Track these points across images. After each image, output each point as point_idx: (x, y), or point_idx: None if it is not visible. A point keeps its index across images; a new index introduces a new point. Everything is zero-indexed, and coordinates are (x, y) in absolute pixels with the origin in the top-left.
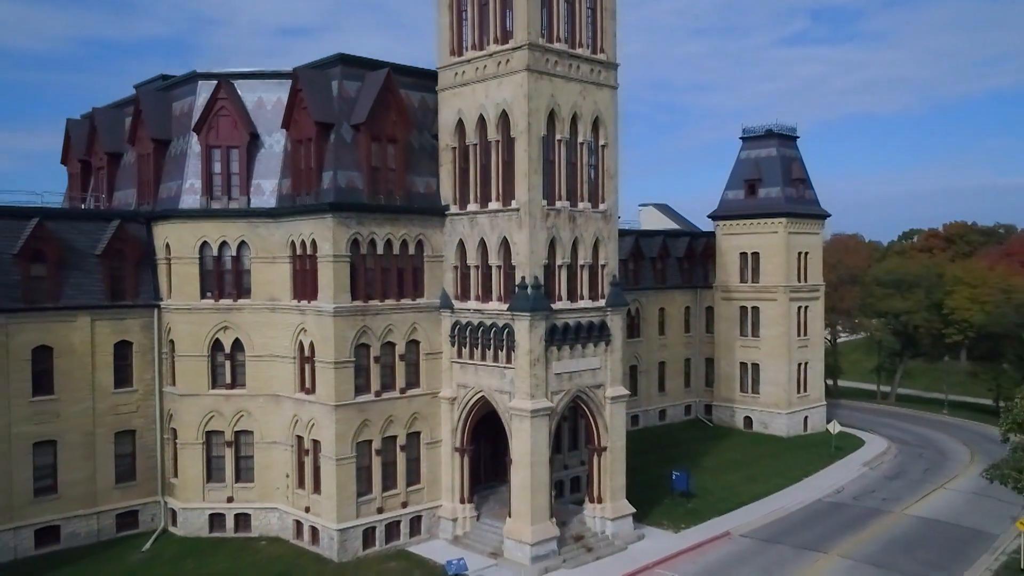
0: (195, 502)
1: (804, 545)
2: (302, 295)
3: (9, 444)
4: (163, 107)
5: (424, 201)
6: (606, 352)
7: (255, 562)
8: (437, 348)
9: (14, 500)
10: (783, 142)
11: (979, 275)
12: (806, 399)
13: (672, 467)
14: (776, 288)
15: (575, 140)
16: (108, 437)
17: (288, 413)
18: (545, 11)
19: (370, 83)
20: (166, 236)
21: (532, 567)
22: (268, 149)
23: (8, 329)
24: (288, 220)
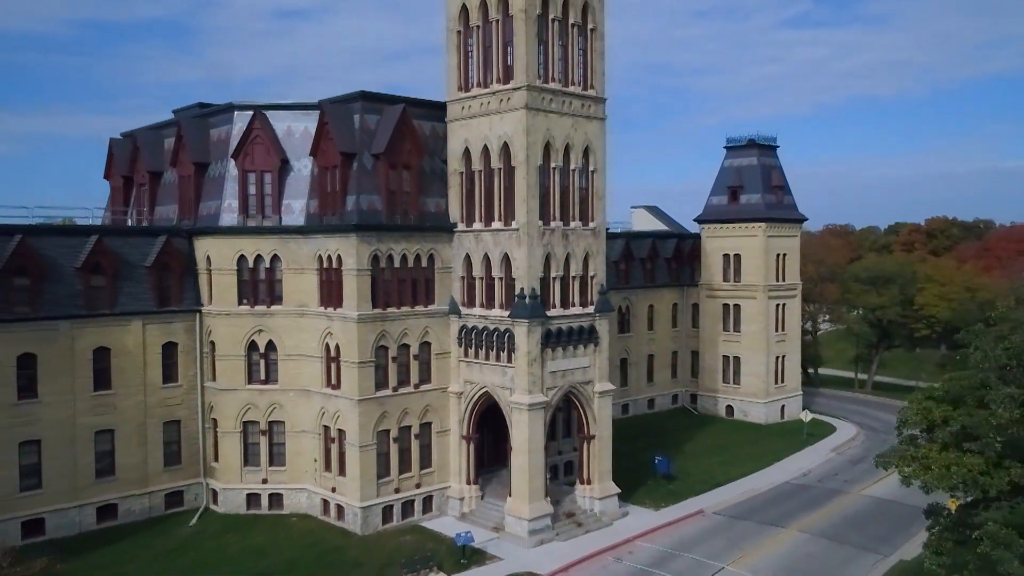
0: (234, 483)
1: (768, 521)
2: (328, 303)
3: (74, 433)
4: (202, 133)
5: (435, 220)
6: (595, 352)
7: (289, 536)
8: (446, 349)
9: (79, 482)
10: (763, 152)
11: (947, 274)
12: (783, 389)
13: (656, 452)
14: (756, 287)
15: (568, 167)
16: (157, 426)
17: (316, 406)
18: (542, 54)
19: (388, 117)
20: (207, 250)
21: (529, 540)
22: (297, 173)
23: (73, 333)
24: (316, 237)
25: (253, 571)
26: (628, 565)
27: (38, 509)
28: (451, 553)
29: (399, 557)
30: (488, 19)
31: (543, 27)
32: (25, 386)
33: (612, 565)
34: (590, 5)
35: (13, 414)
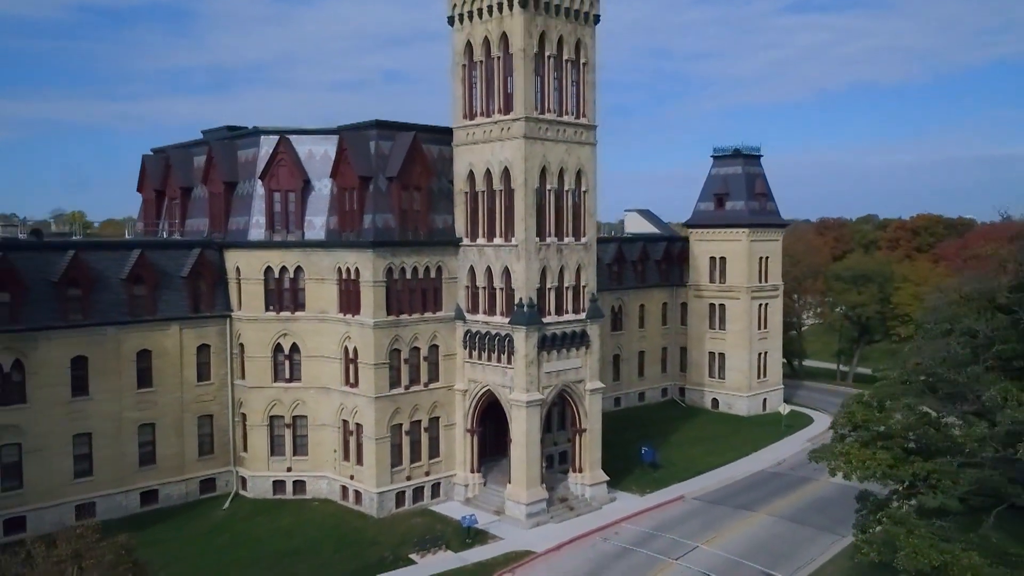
0: (261, 471)
1: (741, 505)
2: (347, 310)
3: (120, 426)
4: (230, 155)
5: (442, 235)
6: (586, 354)
7: (312, 518)
8: (452, 351)
9: (124, 470)
10: (748, 161)
11: (922, 274)
12: (765, 383)
13: (644, 443)
14: (740, 288)
15: (562, 188)
16: (192, 420)
17: (335, 402)
18: (538, 87)
19: (400, 143)
20: (237, 261)
21: (527, 522)
22: (318, 192)
23: (119, 337)
24: (335, 250)
25: (283, 549)
26: (614, 544)
27: (90, 494)
28: (457, 533)
29: (411, 537)
30: (490, 55)
31: (540, 63)
32: (78, 385)
33: (600, 544)
34: (582, 42)
35: (68, 410)
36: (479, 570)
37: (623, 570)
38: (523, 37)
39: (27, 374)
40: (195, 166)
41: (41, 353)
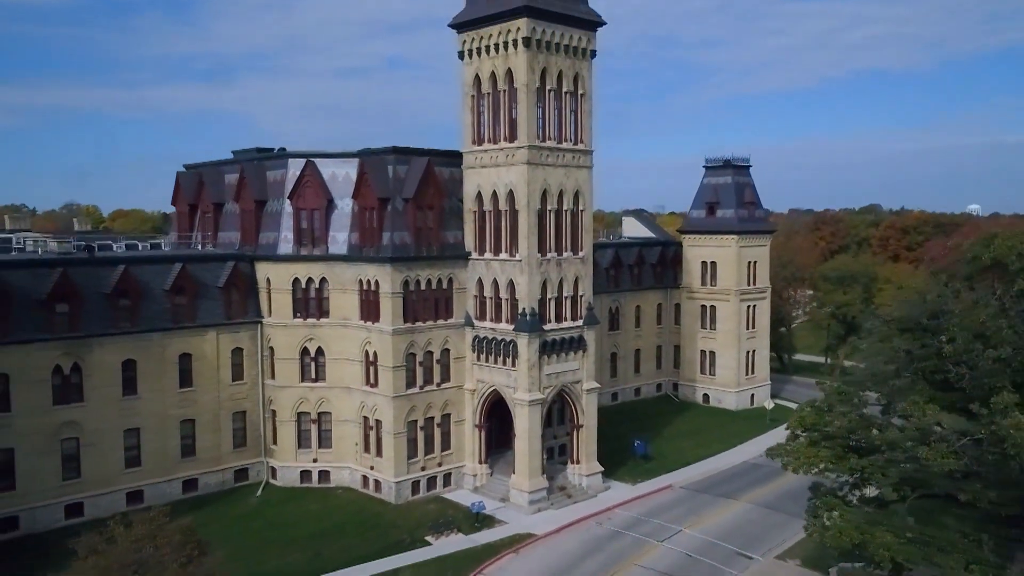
0: (290, 462)
1: (723, 494)
2: (367, 317)
3: (165, 422)
4: (260, 175)
5: (453, 250)
6: (583, 358)
7: (337, 504)
8: (462, 354)
9: (168, 461)
10: (738, 171)
11: (902, 276)
12: (753, 379)
13: (637, 436)
14: (729, 291)
15: (561, 207)
16: (228, 416)
17: (357, 400)
18: (540, 117)
19: (415, 168)
20: (267, 273)
21: (529, 508)
22: (340, 210)
23: (163, 342)
24: (357, 264)
25: (312, 532)
26: (607, 528)
27: (139, 483)
28: (467, 518)
29: (426, 521)
30: (497, 88)
31: (541, 95)
32: (128, 385)
33: (594, 528)
34: (580, 75)
35: (119, 408)
36: (487, 551)
37: (614, 551)
38: (526, 73)
39: (84, 376)
40: (226, 183)
41: (96, 357)
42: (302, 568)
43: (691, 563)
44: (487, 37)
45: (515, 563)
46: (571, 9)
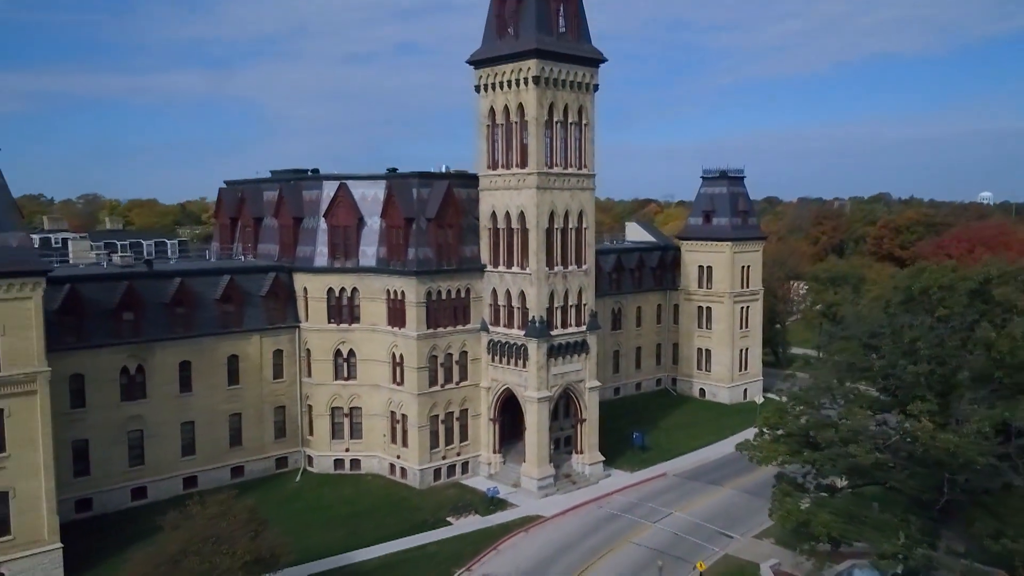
0: (324, 451)
1: (711, 481)
2: (394, 323)
3: (215, 416)
4: (297, 195)
5: (470, 263)
6: (586, 359)
7: (368, 488)
8: (478, 356)
9: (218, 450)
10: (732, 182)
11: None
12: (746, 375)
13: (636, 428)
14: (724, 293)
15: (567, 226)
16: (270, 410)
17: (385, 397)
18: (548, 146)
19: (436, 190)
20: (304, 283)
21: (538, 493)
22: (369, 227)
23: (214, 345)
24: (385, 276)
25: (347, 513)
26: (606, 511)
27: (193, 469)
28: (483, 502)
29: (447, 504)
30: (509, 119)
31: (549, 126)
32: (184, 383)
33: (595, 511)
34: (584, 107)
35: (177, 403)
36: (501, 530)
37: (612, 531)
38: (536, 107)
39: (147, 376)
40: (265, 200)
41: (157, 359)
42: (342, 543)
43: (679, 541)
44: (501, 74)
45: (525, 541)
46: (576, 49)
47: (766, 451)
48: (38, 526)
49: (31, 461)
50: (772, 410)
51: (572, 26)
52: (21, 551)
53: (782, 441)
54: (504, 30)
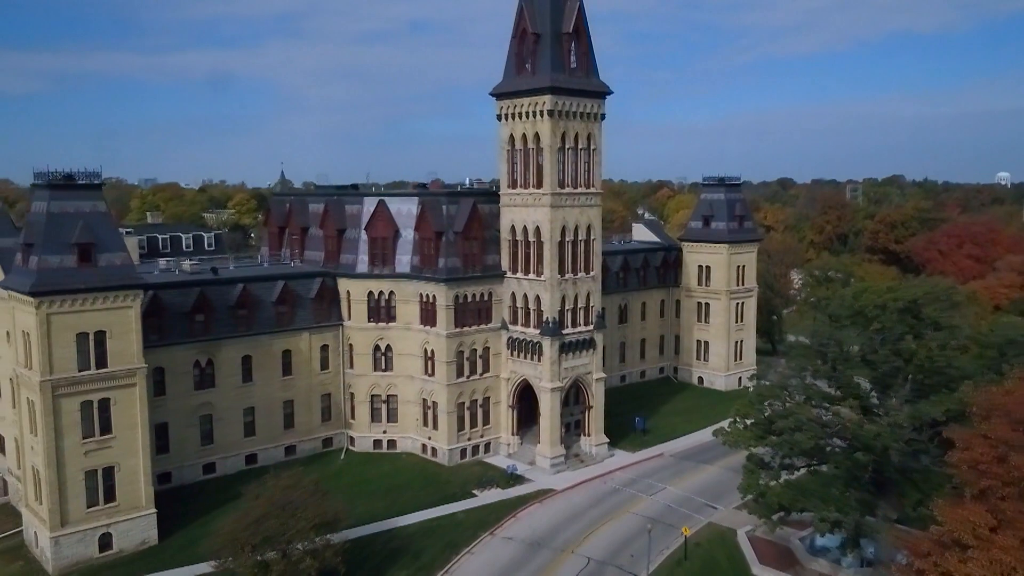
0: (365, 433)
1: (703, 460)
2: (426, 322)
3: (272, 402)
4: (341, 209)
5: (492, 271)
6: (593, 354)
7: (403, 466)
8: (499, 351)
9: (274, 431)
10: (730, 189)
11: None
12: (740, 365)
13: (638, 414)
14: (721, 291)
15: (577, 238)
16: (317, 397)
17: (418, 386)
18: (560, 170)
19: (463, 207)
20: (347, 287)
21: (550, 470)
22: (404, 238)
23: (271, 342)
24: (418, 281)
25: (388, 486)
26: (609, 485)
27: (254, 448)
28: (503, 477)
29: (472, 479)
30: (527, 145)
31: (561, 152)
32: (246, 375)
33: (600, 486)
34: (592, 134)
35: (240, 392)
36: (519, 501)
37: (613, 502)
38: (550, 136)
39: (215, 368)
40: (310, 211)
41: (224, 354)
42: (385, 512)
43: (670, 511)
44: (519, 106)
45: (540, 510)
46: (585, 84)
47: (736, 437)
48: (137, 495)
49: (132, 441)
50: (743, 403)
51: (582, 63)
52: (124, 515)
53: (750, 429)
54: (522, 67)
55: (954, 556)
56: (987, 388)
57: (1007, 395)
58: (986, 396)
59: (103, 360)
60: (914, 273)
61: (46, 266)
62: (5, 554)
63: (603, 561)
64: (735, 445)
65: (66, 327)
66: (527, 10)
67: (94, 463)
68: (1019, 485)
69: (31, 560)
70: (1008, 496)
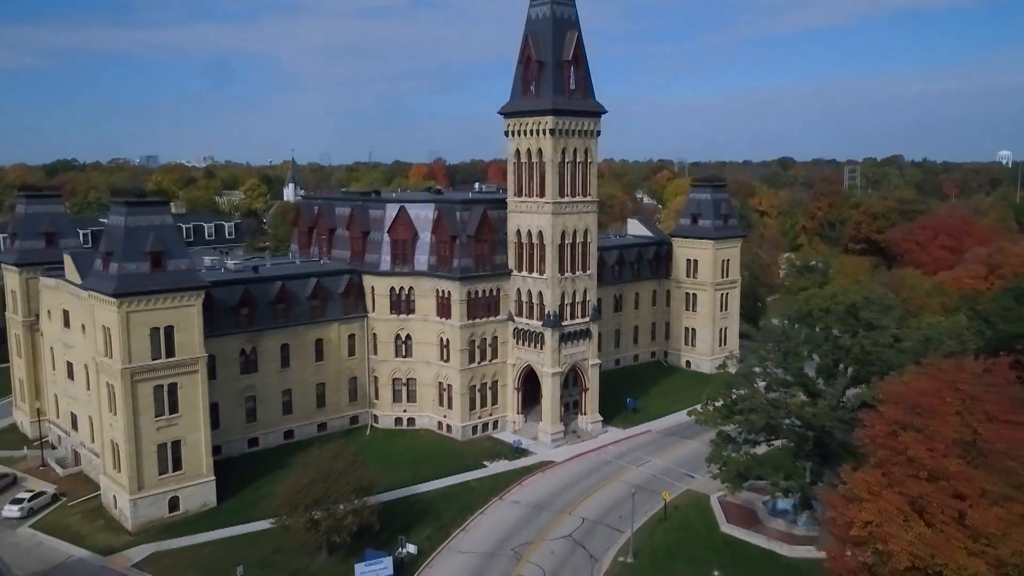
0: (387, 411)
1: (685, 436)
2: (442, 315)
3: (306, 385)
4: (365, 213)
5: (500, 269)
6: (589, 342)
7: (422, 441)
8: (506, 340)
9: (308, 410)
10: (716, 190)
11: (848, 268)
12: (724, 349)
13: (629, 394)
14: (707, 283)
15: (575, 241)
16: (345, 380)
17: (434, 371)
18: (560, 181)
19: (475, 213)
20: (372, 283)
21: (551, 444)
22: (422, 240)
23: (306, 331)
24: (435, 279)
25: (410, 459)
26: (603, 457)
27: (290, 425)
28: (509, 451)
29: (483, 452)
30: (531, 159)
31: (562, 166)
32: (284, 361)
33: (594, 457)
34: (589, 149)
35: (279, 376)
36: (524, 471)
37: (605, 472)
38: (552, 152)
39: (258, 355)
40: (337, 214)
41: (265, 343)
42: (409, 480)
43: (654, 479)
44: (525, 124)
45: (542, 479)
46: (583, 106)
47: (706, 417)
48: (199, 464)
49: (195, 419)
50: (713, 388)
51: (580, 86)
52: (189, 481)
53: (718, 410)
54: (527, 89)
55: (854, 507)
56: (892, 379)
57: (904, 385)
58: (891, 385)
59: (171, 350)
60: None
61: (125, 272)
62: (88, 514)
63: (595, 521)
64: (704, 424)
65: (141, 323)
66: (532, 41)
67: (164, 438)
68: (905, 454)
69: (110, 519)
70: (897, 463)
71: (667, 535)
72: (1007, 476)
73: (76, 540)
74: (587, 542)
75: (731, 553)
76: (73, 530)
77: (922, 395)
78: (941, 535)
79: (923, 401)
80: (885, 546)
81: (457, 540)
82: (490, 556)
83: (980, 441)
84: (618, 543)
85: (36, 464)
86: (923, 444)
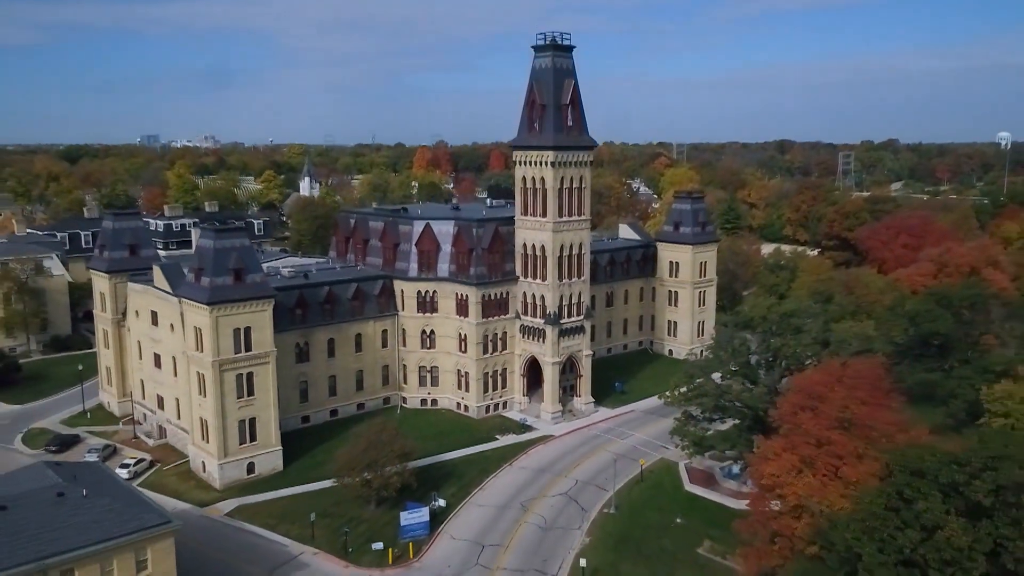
0: (414, 394)
1: (663, 415)
2: (461, 314)
3: (347, 371)
4: (396, 228)
5: (509, 275)
6: (583, 337)
7: (444, 419)
8: (514, 334)
9: (349, 392)
10: (695, 201)
11: (812, 266)
12: (702, 340)
13: (618, 379)
14: (686, 281)
15: (572, 254)
16: (378, 368)
17: (454, 360)
18: (559, 203)
19: (488, 229)
20: (401, 287)
21: (551, 421)
22: (444, 251)
23: (348, 328)
24: (455, 284)
25: (435, 432)
26: (594, 431)
27: (335, 404)
28: (516, 426)
29: (495, 428)
30: (535, 185)
31: (561, 191)
32: (330, 352)
33: (586, 432)
34: (583, 177)
35: (326, 365)
36: (528, 443)
37: (596, 443)
38: (552, 180)
39: (310, 348)
40: (370, 227)
41: (315, 337)
42: (435, 450)
43: (634, 450)
44: (530, 156)
45: (544, 449)
46: (579, 141)
47: (672, 400)
48: (270, 437)
49: (266, 401)
50: (678, 376)
51: (576, 125)
52: (262, 450)
53: (682, 395)
54: (532, 127)
55: (763, 464)
56: (801, 372)
57: (805, 378)
58: (797, 378)
59: (249, 346)
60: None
61: (215, 284)
62: (181, 476)
63: (586, 482)
64: (670, 406)
65: (227, 325)
66: (536, 87)
67: (243, 415)
68: (801, 428)
69: (200, 480)
70: (796, 433)
71: (642, 493)
72: (871, 443)
73: (177, 496)
74: (579, 498)
75: (692, 506)
76: (172, 488)
77: (816, 385)
78: (822, 484)
79: (817, 390)
80: (783, 491)
81: (477, 496)
82: (503, 508)
83: (854, 418)
84: (603, 498)
85: (129, 437)
86: (814, 421)
